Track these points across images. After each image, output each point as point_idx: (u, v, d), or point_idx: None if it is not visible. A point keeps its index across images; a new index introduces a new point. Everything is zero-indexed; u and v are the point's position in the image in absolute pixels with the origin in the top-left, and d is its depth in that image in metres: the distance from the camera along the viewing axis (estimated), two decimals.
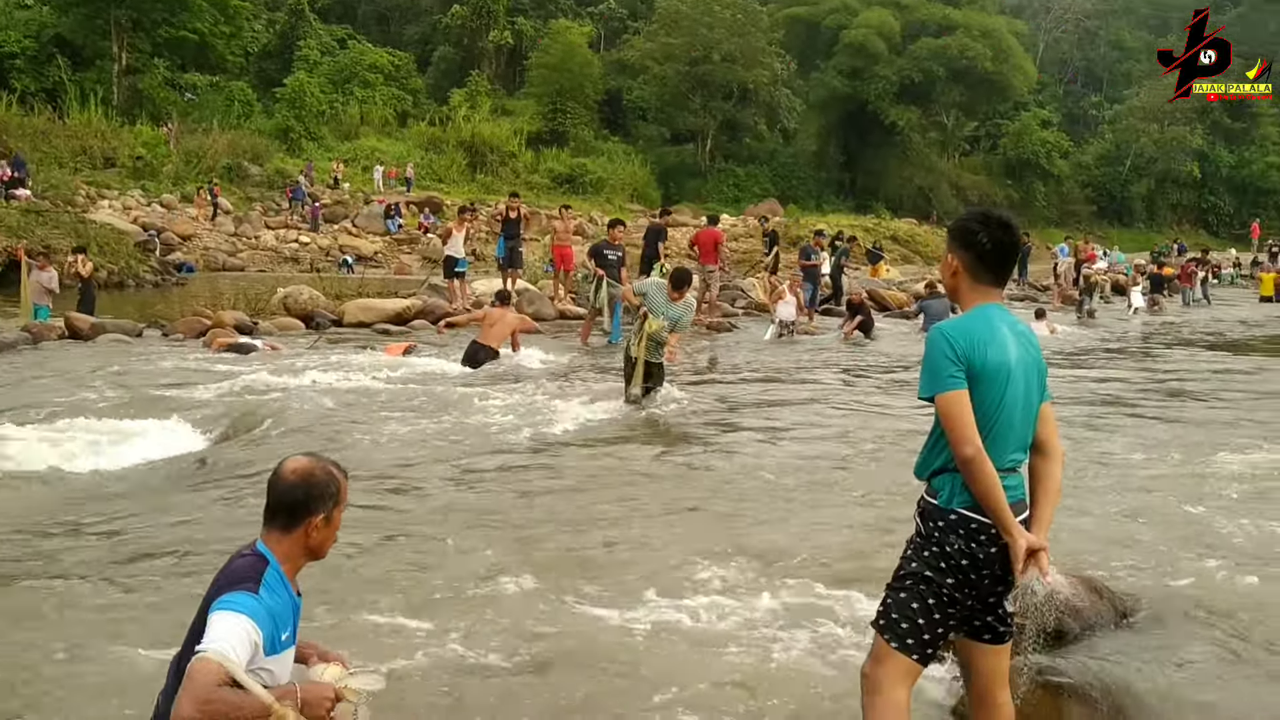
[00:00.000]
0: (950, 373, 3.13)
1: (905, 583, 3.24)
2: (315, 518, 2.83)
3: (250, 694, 2.56)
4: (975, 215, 3.37)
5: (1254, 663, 4.24)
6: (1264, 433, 9.77)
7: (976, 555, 3.14)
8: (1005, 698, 3.37)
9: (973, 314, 3.26)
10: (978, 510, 3.13)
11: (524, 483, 7.63)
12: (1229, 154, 59.69)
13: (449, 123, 45.49)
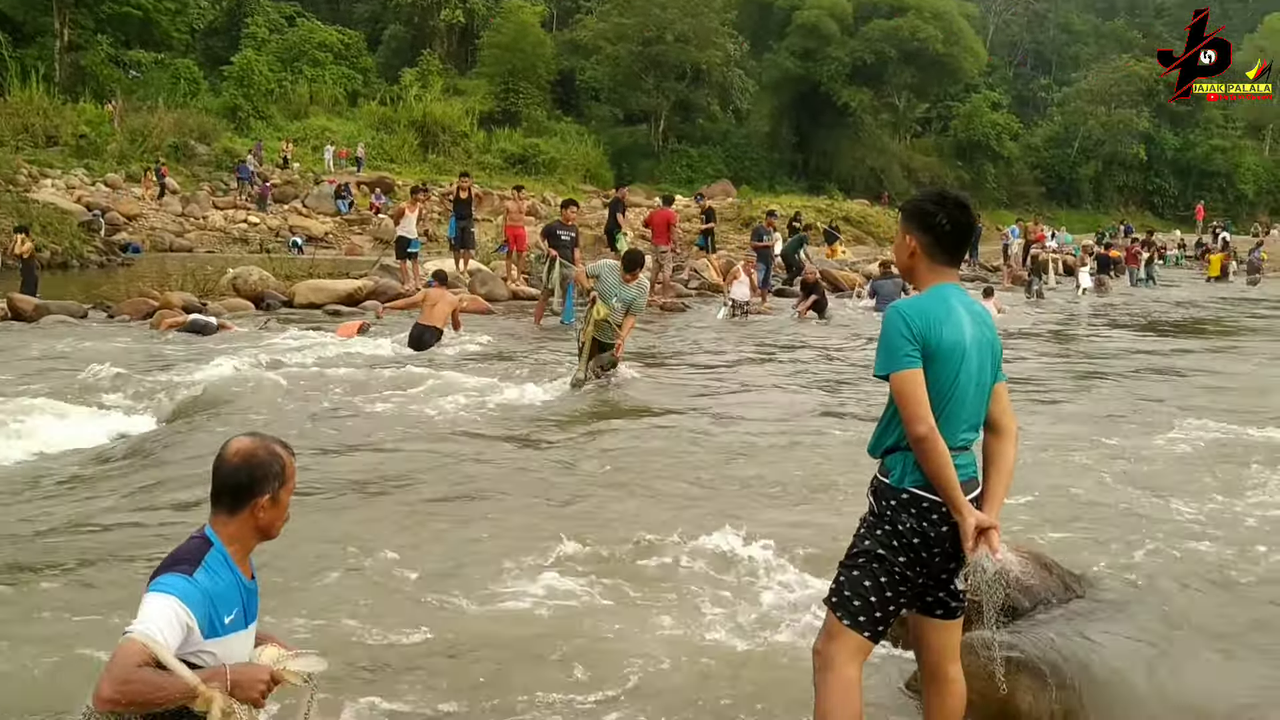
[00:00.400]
0: (906, 351, 3.13)
1: (858, 560, 3.26)
2: (260, 499, 2.78)
3: (174, 675, 2.49)
4: (932, 196, 3.36)
5: (1198, 637, 4.30)
6: (1205, 412, 9.92)
7: (928, 534, 3.16)
8: (957, 672, 3.40)
9: (929, 294, 3.27)
10: (929, 489, 3.14)
11: (467, 463, 7.58)
12: (1174, 137, 60.54)
13: (400, 102, 45.07)
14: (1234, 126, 64.49)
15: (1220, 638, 4.32)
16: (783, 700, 4.07)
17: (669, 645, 4.52)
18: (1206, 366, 13.76)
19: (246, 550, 2.84)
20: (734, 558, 5.54)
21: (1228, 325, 20.53)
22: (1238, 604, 4.78)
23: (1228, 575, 5.21)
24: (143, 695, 2.46)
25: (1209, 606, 4.72)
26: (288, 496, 2.86)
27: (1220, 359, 14.63)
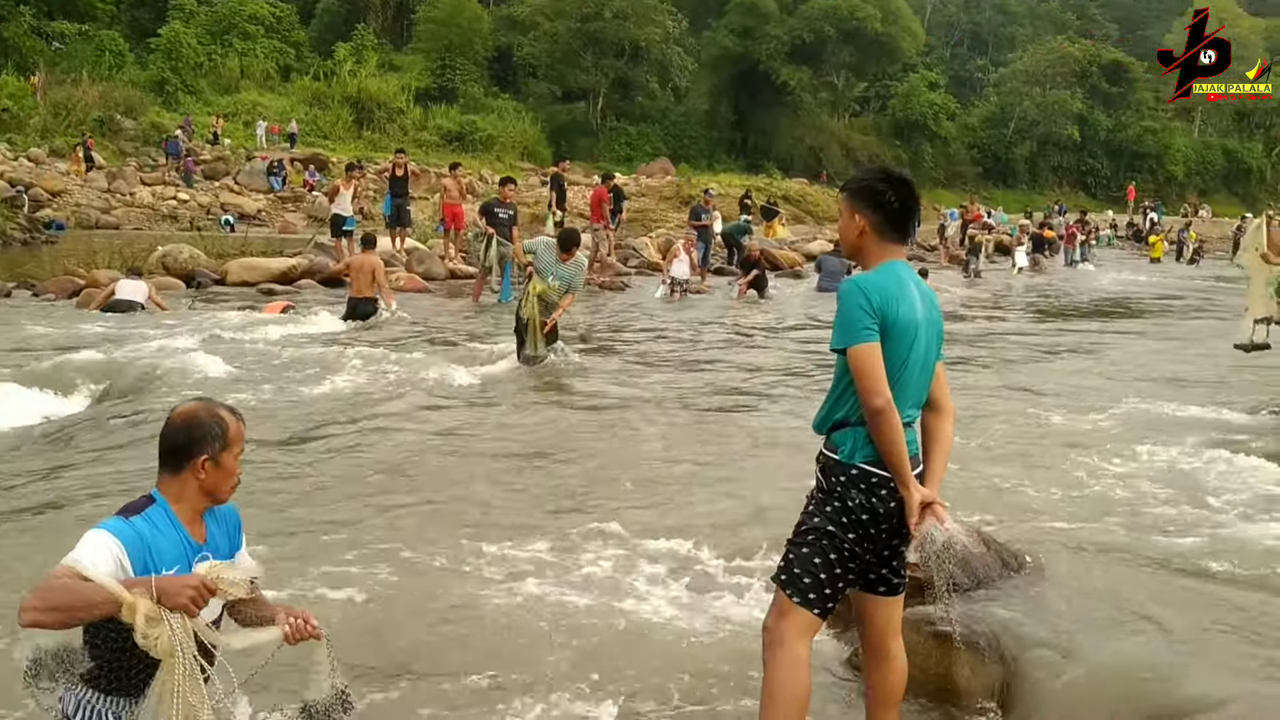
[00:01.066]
0: (865, 325, 3.14)
1: (807, 538, 3.25)
2: (198, 459, 2.80)
3: (95, 583, 2.45)
4: (878, 174, 3.39)
5: (1133, 611, 4.34)
6: (1133, 390, 10.08)
7: (877, 509, 3.17)
8: (899, 648, 3.42)
9: (883, 270, 3.27)
10: (879, 465, 3.16)
11: (399, 444, 7.49)
12: (1107, 118, 61.39)
13: (334, 77, 44.36)
14: (1164, 109, 65.60)
15: (1149, 610, 4.36)
16: (731, 678, 4.05)
17: (614, 628, 4.51)
18: (1129, 345, 13.99)
19: (195, 511, 2.85)
20: (674, 540, 5.52)
21: (1158, 305, 20.91)
22: (1165, 577, 4.84)
23: (1157, 550, 5.28)
24: (63, 602, 2.43)
25: (1138, 580, 4.78)
26: (232, 460, 2.87)
27: (1143, 338, 14.88)
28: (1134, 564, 5.01)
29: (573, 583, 4.98)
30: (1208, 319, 17.28)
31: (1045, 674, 3.92)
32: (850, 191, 3.37)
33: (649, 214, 32.99)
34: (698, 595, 4.91)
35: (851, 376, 3.17)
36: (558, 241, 10.61)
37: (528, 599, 4.78)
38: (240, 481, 2.94)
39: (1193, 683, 3.72)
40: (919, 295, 3.27)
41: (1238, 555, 5.20)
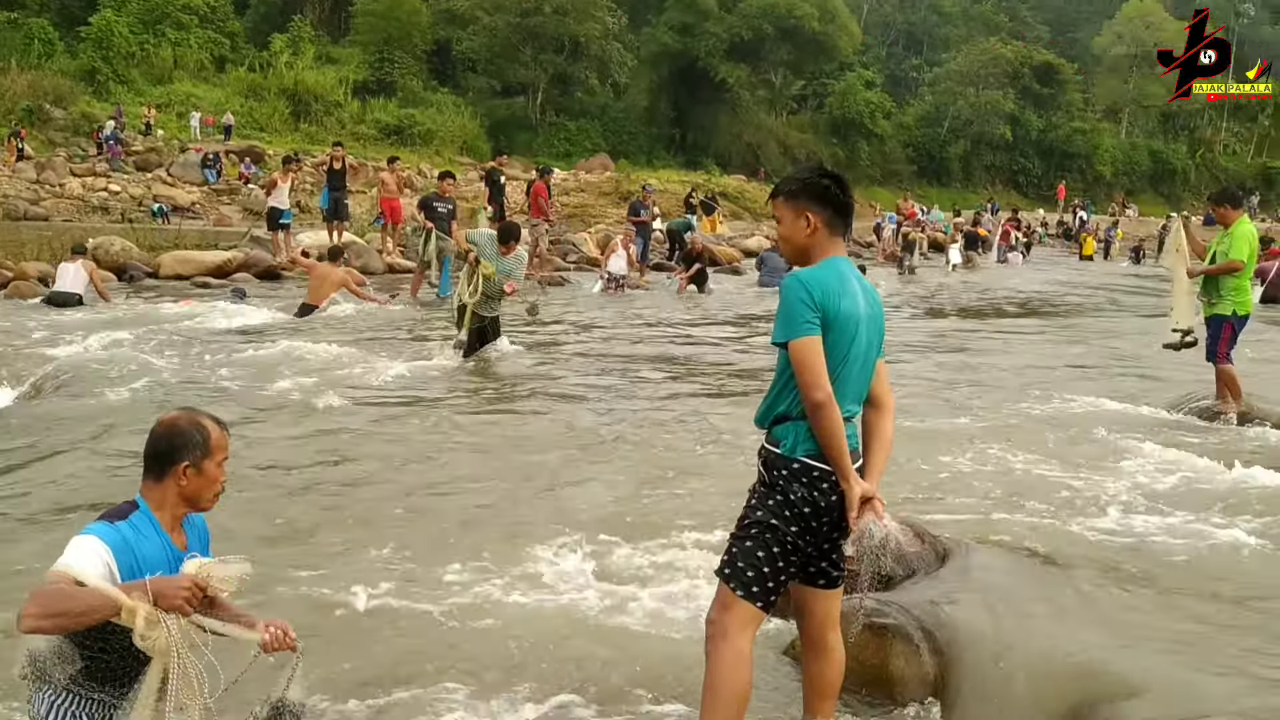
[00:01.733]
0: (806, 319, 3.18)
1: (750, 531, 3.29)
2: (179, 466, 2.87)
3: (93, 589, 2.53)
4: (817, 172, 3.45)
5: (1063, 600, 4.46)
6: (1063, 384, 10.30)
7: (818, 503, 3.21)
8: (836, 640, 3.48)
9: (825, 266, 3.32)
10: (820, 459, 3.20)
11: (335, 442, 7.45)
12: (1038, 118, 62.28)
13: (270, 69, 43.71)
14: (1093, 110, 66.81)
15: (1079, 599, 4.48)
16: (672, 674, 4.09)
17: (553, 628, 4.51)
18: (1057, 340, 14.28)
19: (175, 518, 2.92)
20: (613, 538, 5.55)
21: (1087, 304, 21.31)
22: (1094, 566, 4.97)
23: (1086, 540, 5.42)
24: (63, 608, 2.50)
25: (1068, 569, 4.89)
26: (215, 469, 2.94)
27: (1071, 334, 15.18)
28: (1064, 554, 5.13)
29: (505, 582, 4.98)
30: (1133, 316, 17.67)
31: (979, 663, 4.00)
32: (792, 193, 3.37)
33: (588, 210, 32.99)
34: (632, 592, 4.92)
35: (793, 371, 3.21)
36: (498, 235, 10.67)
37: (462, 601, 4.78)
38: (223, 490, 2.99)
39: (1121, 668, 3.83)
40: (860, 290, 3.32)
41: (1162, 544, 5.36)
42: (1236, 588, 4.79)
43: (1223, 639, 4.17)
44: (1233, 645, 4.10)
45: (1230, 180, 56.43)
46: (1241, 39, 79.95)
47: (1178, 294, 9.28)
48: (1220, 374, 8.70)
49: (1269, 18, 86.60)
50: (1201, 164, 67.93)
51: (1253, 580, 4.92)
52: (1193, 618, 4.39)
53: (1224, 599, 4.63)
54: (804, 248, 3.37)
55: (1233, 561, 5.18)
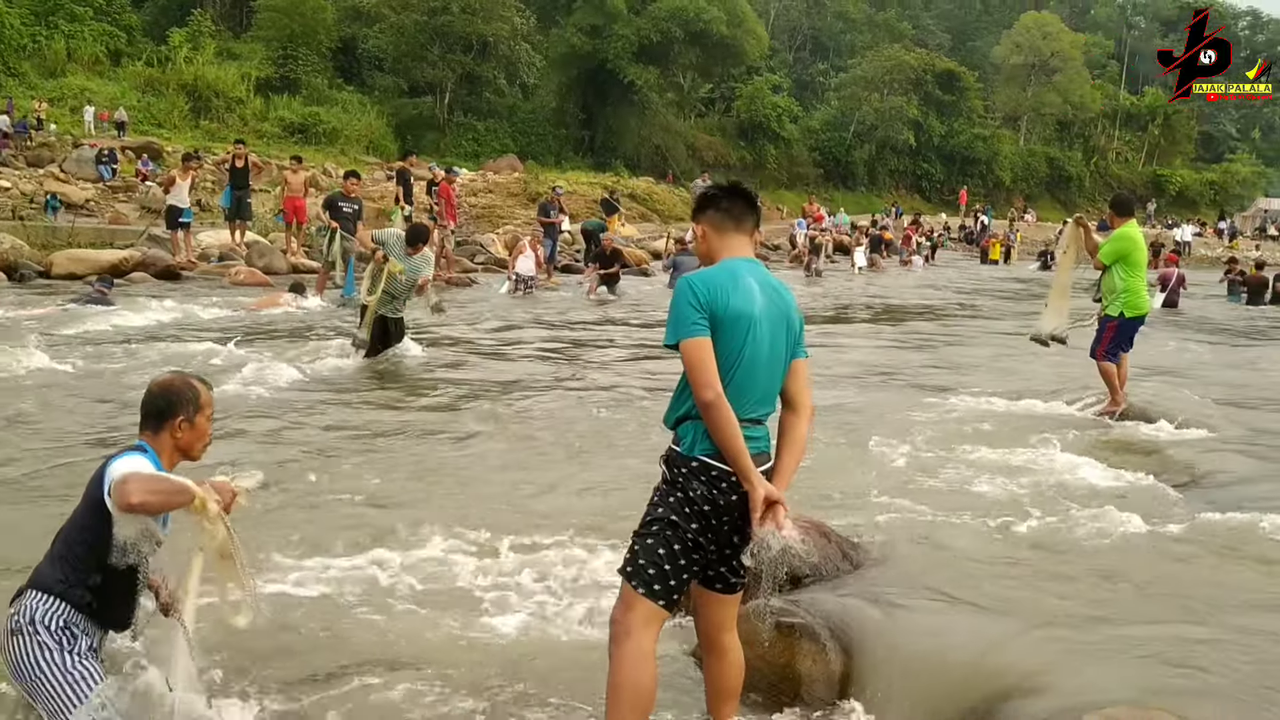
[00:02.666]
0: (692, 319, 3.19)
1: (651, 529, 3.28)
2: (176, 420, 3.35)
3: (180, 480, 3.11)
4: (709, 186, 3.70)
5: (970, 597, 4.52)
6: (966, 383, 10.51)
7: (718, 501, 3.21)
8: (731, 642, 3.47)
9: (719, 265, 3.35)
10: (719, 458, 3.19)
11: (235, 445, 7.30)
12: (940, 124, 63.51)
13: (169, 64, 42.66)
14: (993, 117, 68.38)
15: (985, 596, 4.55)
16: (573, 678, 4.07)
17: (451, 633, 4.47)
18: (962, 340, 14.57)
19: (170, 465, 3.36)
20: (513, 543, 5.51)
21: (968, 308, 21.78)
22: (1000, 563, 5.06)
23: (991, 537, 5.52)
24: (160, 486, 3.06)
25: (975, 567, 4.98)
26: (205, 423, 3.43)
27: (975, 334, 15.51)
28: (970, 551, 5.23)
29: (403, 586, 4.93)
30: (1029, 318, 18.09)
31: (886, 661, 4.02)
32: (693, 210, 3.59)
33: (496, 210, 32.77)
34: (537, 596, 4.90)
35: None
36: (406, 236, 10.57)
37: (361, 605, 4.72)
38: (210, 442, 3.47)
39: (1028, 664, 3.88)
40: (759, 288, 3.31)
41: (1066, 540, 5.49)
42: (1129, 577, 4.92)
43: (1119, 627, 4.27)
44: (1129, 633, 4.20)
45: (1122, 187, 58.30)
46: (1134, 51, 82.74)
47: (1053, 297, 9.53)
48: (1100, 371, 8.98)
49: (1159, 30, 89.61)
50: (1096, 171, 70.01)
51: (1144, 569, 5.06)
52: (1090, 607, 4.49)
53: (1118, 589, 4.75)
54: (704, 255, 3.48)
55: (1124, 552, 5.32)
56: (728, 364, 3.21)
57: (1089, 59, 73.68)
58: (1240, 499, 6.43)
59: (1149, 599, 4.66)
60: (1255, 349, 15.17)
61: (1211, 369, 12.70)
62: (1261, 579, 5.00)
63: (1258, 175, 73.69)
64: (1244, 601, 4.64)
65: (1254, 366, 13.13)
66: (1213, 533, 5.70)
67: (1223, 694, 3.64)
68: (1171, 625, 4.32)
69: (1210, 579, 4.98)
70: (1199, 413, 9.09)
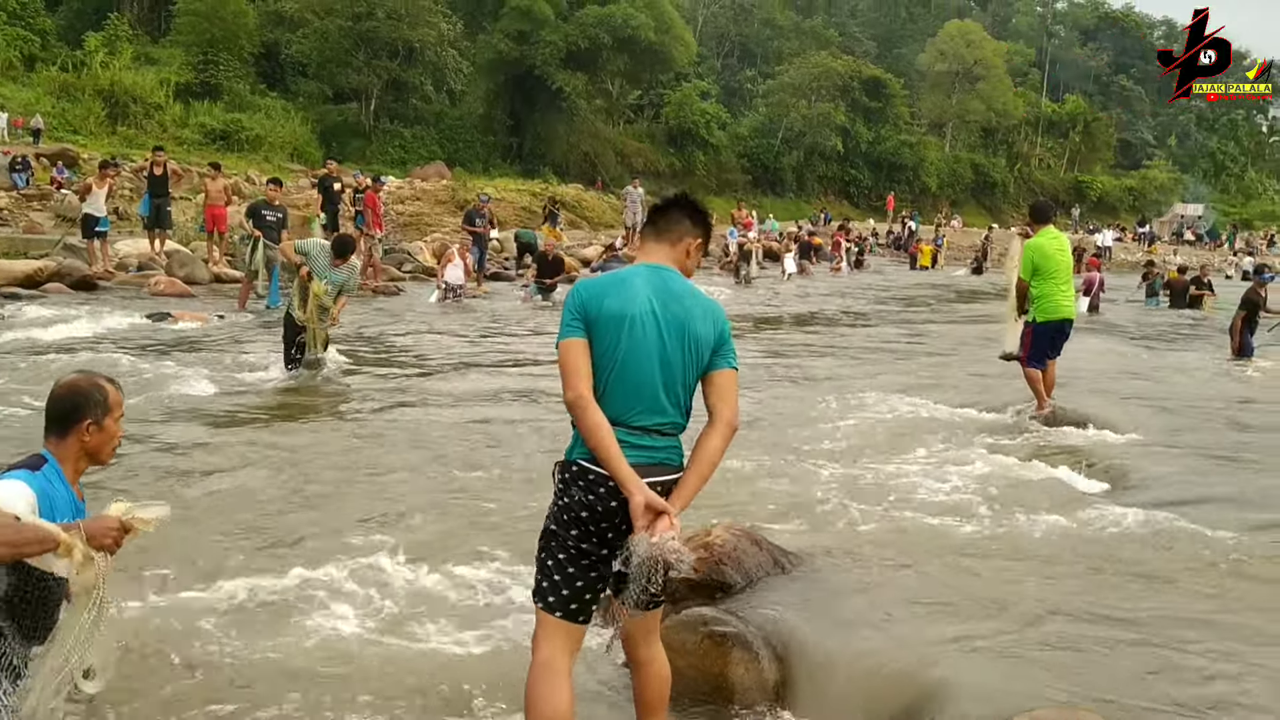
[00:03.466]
0: (566, 321, 3.20)
1: (540, 542, 3.25)
2: (84, 423, 3.15)
3: (36, 525, 2.79)
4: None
5: (899, 603, 4.53)
6: (896, 390, 10.57)
7: (595, 507, 3.13)
8: (653, 654, 3.40)
9: (617, 271, 3.36)
10: (596, 461, 3.11)
11: (158, 460, 7.11)
12: (868, 131, 64.25)
13: (85, 69, 41.71)
14: (919, 124, 69.38)
15: (915, 602, 4.56)
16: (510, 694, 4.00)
17: (373, 652, 4.37)
18: (892, 346, 14.68)
19: (77, 471, 3.20)
20: (443, 559, 5.42)
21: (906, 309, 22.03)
22: (930, 570, 5.07)
23: (921, 543, 5.53)
24: (8, 537, 2.72)
25: (905, 573, 4.99)
26: (114, 425, 3.22)
27: (904, 341, 15.66)
28: (900, 556, 5.23)
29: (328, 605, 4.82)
30: (968, 324, 18.32)
31: (818, 668, 4.03)
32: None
33: (424, 218, 32.44)
34: (463, 613, 4.83)
35: None
36: (331, 247, 10.36)
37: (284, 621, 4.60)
38: (120, 444, 3.28)
39: (959, 668, 3.90)
40: (652, 292, 3.23)
41: (995, 544, 5.52)
42: (1057, 580, 4.96)
43: (1049, 629, 4.31)
44: (1059, 635, 4.24)
45: (1045, 193, 59.46)
46: (1054, 59, 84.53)
47: (1008, 312, 9.58)
48: (1025, 377, 9.08)
49: (1079, 39, 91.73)
50: (1019, 177, 71.33)
51: (1072, 572, 5.11)
52: (1019, 610, 4.51)
53: (1047, 593, 4.78)
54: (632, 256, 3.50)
55: (1053, 555, 5.36)
56: (602, 366, 3.17)
57: (1011, 67, 75.11)
58: (1165, 500, 6.54)
59: (1078, 602, 4.69)
60: (1174, 353, 15.47)
61: (1136, 372, 12.92)
62: (1189, 580, 5.07)
63: (1174, 182, 75.58)
64: (1171, 604, 4.71)
65: (1179, 369, 13.37)
66: (1140, 534, 5.79)
67: (1149, 695, 3.68)
68: (1101, 627, 4.36)
69: (1139, 582, 5.03)
70: (1124, 416, 9.23)
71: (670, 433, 3.25)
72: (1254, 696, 3.73)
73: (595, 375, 3.15)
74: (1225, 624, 4.44)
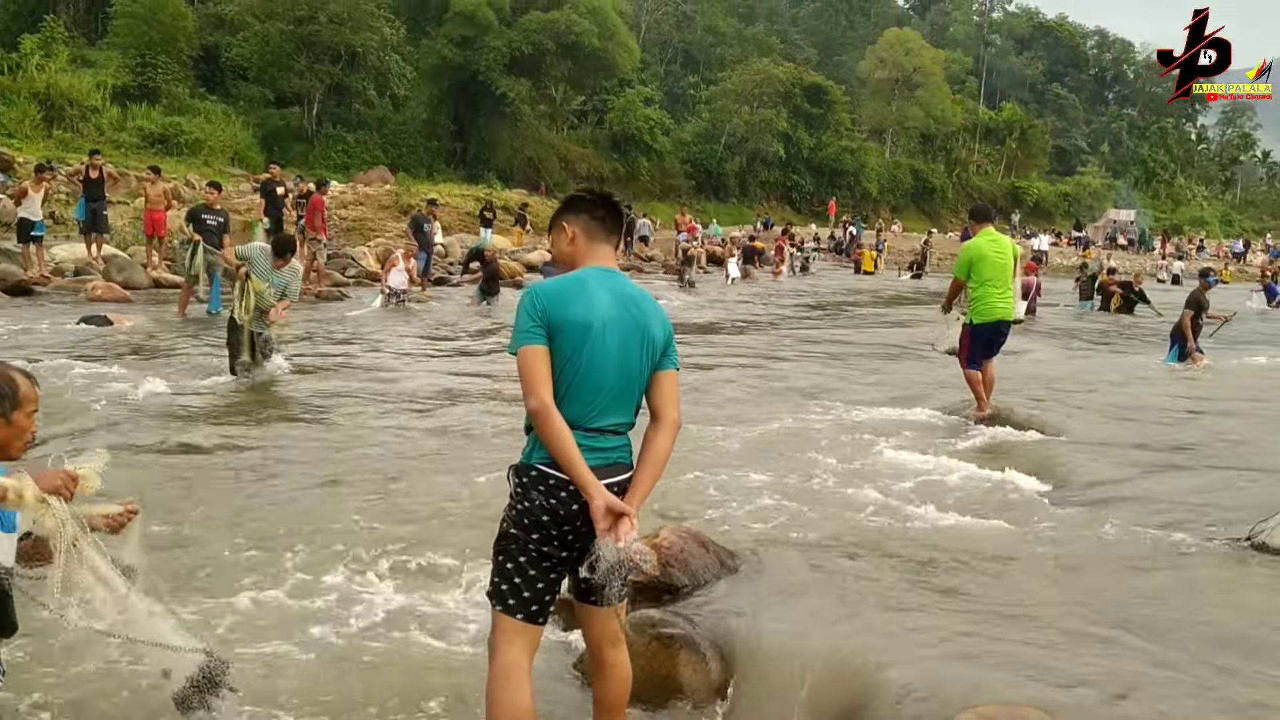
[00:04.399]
0: (527, 328, 3.19)
1: (499, 544, 3.26)
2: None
3: None
4: (583, 189, 3.57)
5: (844, 602, 4.59)
6: (840, 392, 10.69)
7: (557, 510, 3.16)
8: (617, 657, 3.43)
9: (570, 275, 3.33)
10: (556, 466, 3.15)
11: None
12: (809, 137, 64.68)
13: (20, 71, 40.92)
14: (860, 130, 70.01)
15: (862, 601, 4.62)
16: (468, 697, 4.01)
17: (338, 653, 4.36)
18: (834, 350, 14.84)
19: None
20: (399, 564, 5.42)
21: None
22: (877, 569, 5.14)
23: (868, 543, 5.61)
24: None
25: (851, 573, 5.05)
26: (25, 419, 3.07)
27: (848, 344, 15.83)
28: (844, 555, 5.29)
29: (293, 605, 4.82)
30: (908, 328, 18.55)
31: (764, 668, 4.07)
32: (560, 208, 3.50)
33: (367, 223, 32.23)
34: (428, 615, 4.85)
35: None
36: (272, 247, 10.32)
37: (251, 626, 4.59)
38: (34, 439, 3.13)
39: (903, 665, 3.94)
40: (611, 298, 3.27)
41: (938, 543, 5.61)
42: (1000, 578, 5.05)
43: (991, 626, 4.38)
44: (1001, 632, 4.30)
45: (983, 198, 60.23)
46: (991, 67, 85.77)
47: (940, 313, 9.79)
48: (965, 378, 9.27)
49: (1014, 48, 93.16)
50: (958, 183, 72.24)
51: (1014, 569, 5.20)
52: (963, 608, 4.59)
53: (990, 590, 4.87)
54: (567, 257, 3.43)
55: (995, 554, 5.46)
56: (566, 371, 3.19)
57: (949, 74, 76.04)
58: (1102, 499, 6.68)
59: (1020, 599, 4.78)
60: (1117, 356, 15.77)
61: (1074, 374, 13.16)
62: (1127, 577, 5.19)
63: (1107, 187, 76.89)
64: (1110, 600, 4.80)
65: (1115, 370, 13.65)
66: (1080, 532, 5.91)
67: (1093, 691, 3.75)
68: (1043, 624, 4.44)
69: (1078, 577, 5.14)
70: (1061, 417, 9.42)
71: (623, 432, 3.31)
72: (1196, 693, 3.83)
73: (555, 380, 3.17)
74: (1167, 622, 4.52)
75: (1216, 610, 4.66)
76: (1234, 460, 7.95)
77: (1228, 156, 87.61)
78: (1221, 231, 71.90)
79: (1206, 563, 5.41)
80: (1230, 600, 4.82)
